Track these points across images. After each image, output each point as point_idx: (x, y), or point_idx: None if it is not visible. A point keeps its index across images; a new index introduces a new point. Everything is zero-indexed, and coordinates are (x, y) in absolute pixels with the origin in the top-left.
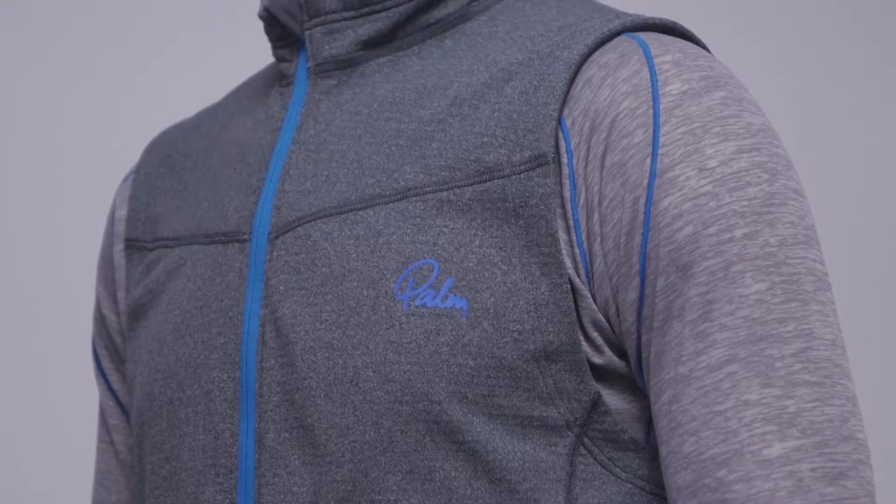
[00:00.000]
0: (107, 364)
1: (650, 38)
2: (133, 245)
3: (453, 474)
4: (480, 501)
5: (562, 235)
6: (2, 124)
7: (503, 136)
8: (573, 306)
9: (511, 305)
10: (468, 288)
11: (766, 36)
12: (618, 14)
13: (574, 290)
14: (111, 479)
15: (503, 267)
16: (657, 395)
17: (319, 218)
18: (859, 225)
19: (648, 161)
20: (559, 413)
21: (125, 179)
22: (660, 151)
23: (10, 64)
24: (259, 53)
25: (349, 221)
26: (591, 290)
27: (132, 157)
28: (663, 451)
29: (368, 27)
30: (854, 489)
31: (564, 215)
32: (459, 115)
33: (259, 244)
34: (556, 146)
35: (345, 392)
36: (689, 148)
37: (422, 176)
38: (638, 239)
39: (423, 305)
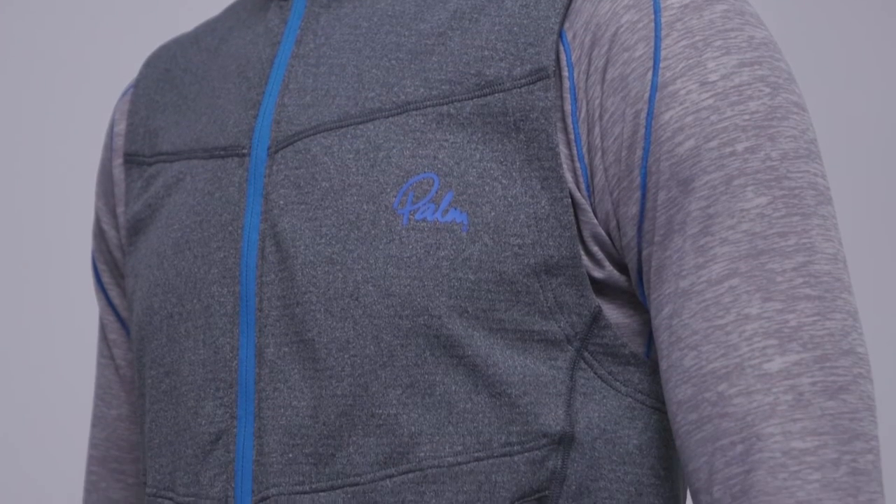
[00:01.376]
0: (106, 279)
1: None
2: (132, 159)
3: (453, 388)
4: (480, 415)
5: (562, 149)
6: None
7: (503, 50)
8: (573, 220)
9: (511, 219)
10: (468, 202)
11: None
12: None
13: (574, 204)
14: (111, 394)
15: (503, 181)
16: (657, 310)
17: (319, 132)
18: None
19: (650, 75)
20: (559, 327)
21: (124, 94)
22: (661, 65)
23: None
24: None
25: (349, 135)
26: (591, 204)
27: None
28: (663, 365)
29: None
30: (854, 403)
31: (565, 129)
32: (460, 28)
33: (258, 158)
34: (557, 60)
35: (345, 306)
36: (690, 61)
37: (422, 90)
38: (639, 153)
39: (424, 220)
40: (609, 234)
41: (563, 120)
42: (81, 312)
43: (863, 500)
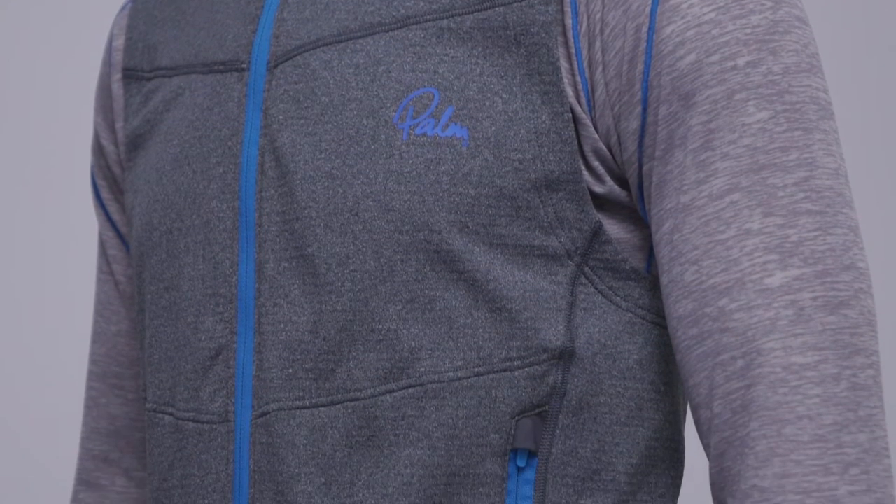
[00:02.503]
0: (105, 195)
1: None
2: (131, 74)
3: (454, 304)
4: (481, 331)
5: (563, 64)
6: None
7: None
8: (574, 135)
9: (512, 134)
10: (469, 117)
11: None
12: None
13: (575, 118)
14: (111, 310)
15: (504, 96)
16: (658, 225)
17: (318, 47)
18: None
19: None
20: (560, 242)
21: (122, 8)
22: None
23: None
24: None
25: (348, 50)
26: (592, 119)
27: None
28: (664, 280)
29: None
30: (855, 318)
31: (566, 44)
32: None
33: (258, 73)
34: None
35: (344, 221)
36: None
37: (422, 3)
38: (640, 67)
39: (424, 134)
40: (610, 149)
41: (564, 34)
42: (76, 292)
43: (863, 414)
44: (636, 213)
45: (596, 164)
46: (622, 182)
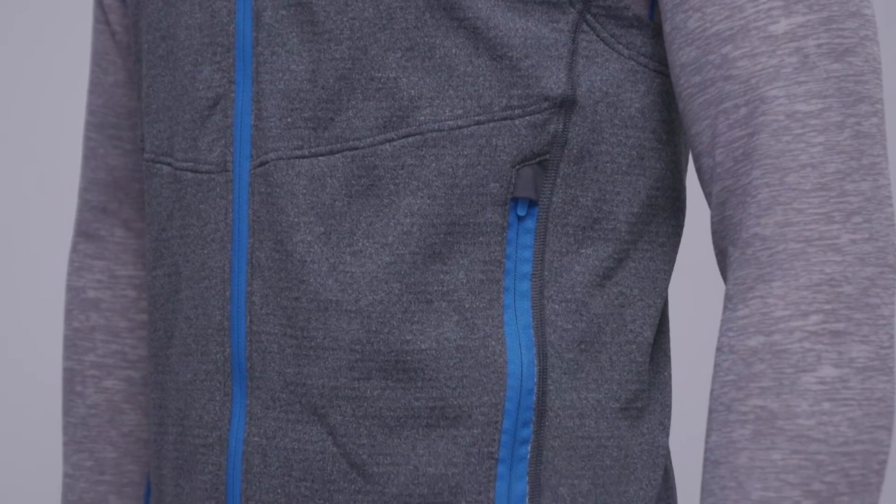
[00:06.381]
0: None
1: None
2: None
3: (454, 51)
4: (481, 79)
5: None
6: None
7: None
8: None
9: None
10: None
11: None
12: None
13: None
14: (108, 60)
15: None
16: None
17: None
18: None
19: None
20: None
21: None
22: None
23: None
24: None
25: None
26: None
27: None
28: (667, 27)
29: None
30: (860, 66)
31: None
32: None
33: None
34: None
35: None
36: None
37: None
38: None
39: None
40: None
41: None
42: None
43: (866, 162)
44: None
45: None
46: None
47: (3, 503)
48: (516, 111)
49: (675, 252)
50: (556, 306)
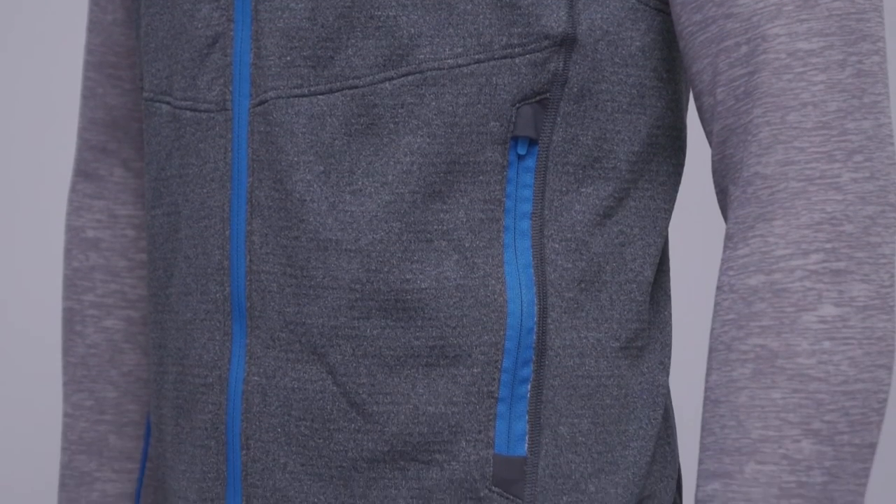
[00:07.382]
0: None
1: None
2: None
3: None
4: (481, 17)
5: None
6: None
7: None
8: None
9: None
10: None
11: None
12: None
13: None
14: None
15: None
16: None
17: None
18: None
19: None
20: None
21: None
22: None
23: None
24: None
25: None
26: None
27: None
28: None
29: None
30: (862, 3)
31: None
32: None
33: None
34: None
35: None
36: None
37: None
38: None
39: None
40: None
41: None
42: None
43: (867, 101)
44: None
45: None
46: None
47: (3, 503)
48: (516, 49)
49: (676, 191)
50: (557, 245)
